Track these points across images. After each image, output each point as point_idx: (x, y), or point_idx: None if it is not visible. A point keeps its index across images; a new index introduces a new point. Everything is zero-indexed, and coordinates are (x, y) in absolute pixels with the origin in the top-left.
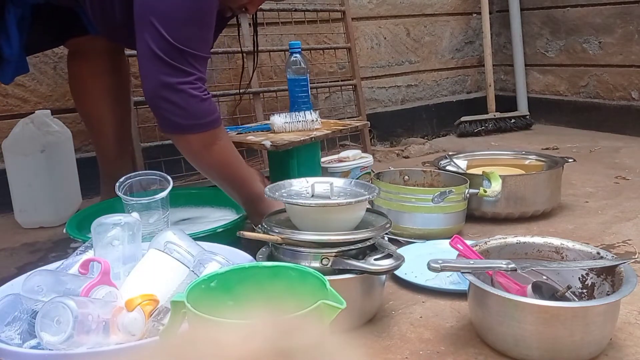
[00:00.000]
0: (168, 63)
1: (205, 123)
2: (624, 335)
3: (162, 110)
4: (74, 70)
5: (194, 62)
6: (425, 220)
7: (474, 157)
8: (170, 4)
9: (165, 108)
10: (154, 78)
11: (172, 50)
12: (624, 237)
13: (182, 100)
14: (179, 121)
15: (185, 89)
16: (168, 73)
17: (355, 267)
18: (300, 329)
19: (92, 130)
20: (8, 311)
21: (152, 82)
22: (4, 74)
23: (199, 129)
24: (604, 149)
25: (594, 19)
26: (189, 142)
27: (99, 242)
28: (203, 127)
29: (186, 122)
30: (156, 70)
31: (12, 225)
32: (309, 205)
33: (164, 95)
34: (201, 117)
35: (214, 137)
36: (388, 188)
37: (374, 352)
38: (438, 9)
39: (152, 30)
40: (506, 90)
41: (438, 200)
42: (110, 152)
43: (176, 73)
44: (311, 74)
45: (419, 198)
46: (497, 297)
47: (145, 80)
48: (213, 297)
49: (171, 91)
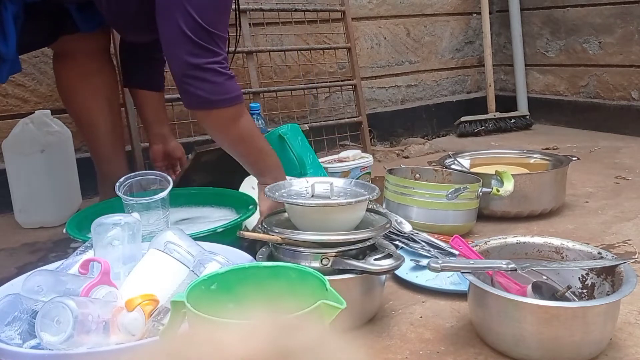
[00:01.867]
0: (199, 44)
1: (232, 98)
2: (624, 335)
3: (192, 87)
4: (62, 72)
5: (220, 43)
6: (438, 217)
7: (478, 156)
8: None
9: (196, 85)
10: (184, 58)
11: (202, 32)
12: (624, 237)
13: (212, 77)
14: (208, 97)
15: (214, 68)
16: (198, 54)
17: (355, 267)
18: (300, 329)
19: (84, 132)
20: (8, 311)
21: (182, 61)
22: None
23: (227, 103)
24: (604, 149)
25: (594, 19)
26: (218, 116)
27: (99, 242)
28: (230, 102)
29: (216, 97)
30: (187, 51)
31: (12, 225)
32: (309, 205)
33: (194, 74)
34: (228, 93)
35: (240, 111)
36: (403, 183)
37: (374, 352)
38: (438, 9)
39: (184, 12)
40: (506, 90)
41: (452, 196)
42: (105, 154)
43: (206, 53)
44: (311, 74)
45: (432, 194)
46: (497, 297)
47: (175, 60)
48: (213, 297)
49: (201, 70)
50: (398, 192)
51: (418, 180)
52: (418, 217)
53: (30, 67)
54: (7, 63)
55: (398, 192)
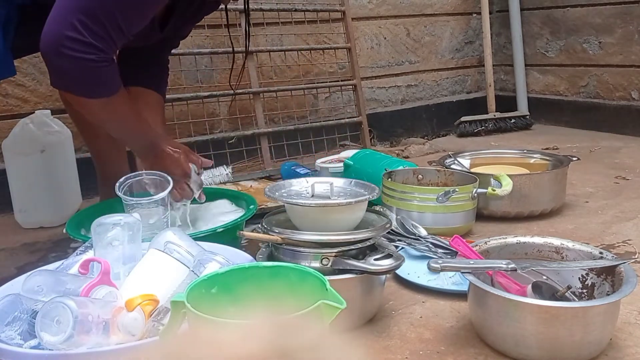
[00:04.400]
0: (85, 24)
1: (100, 91)
2: (624, 335)
3: (57, 68)
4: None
5: (112, 32)
6: (433, 219)
7: (478, 156)
8: None
9: (62, 68)
10: (60, 32)
11: (96, 14)
12: (624, 237)
13: (79, 66)
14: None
15: (86, 57)
16: (77, 34)
17: (355, 267)
18: (300, 329)
19: (85, 132)
20: (8, 311)
21: (57, 35)
22: None
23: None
24: (604, 149)
25: (594, 19)
26: (87, 104)
27: (99, 242)
28: (98, 94)
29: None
30: (68, 25)
31: (12, 225)
32: (309, 205)
33: (64, 53)
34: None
35: (107, 102)
36: (395, 187)
37: (374, 352)
38: (438, 9)
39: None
40: (506, 90)
41: (442, 199)
42: (105, 154)
43: (86, 37)
44: (311, 74)
45: (423, 197)
46: (497, 297)
47: (49, 30)
48: (213, 297)
49: (71, 51)
50: (395, 197)
51: (421, 181)
52: (415, 221)
53: (30, 67)
54: None
55: (395, 197)
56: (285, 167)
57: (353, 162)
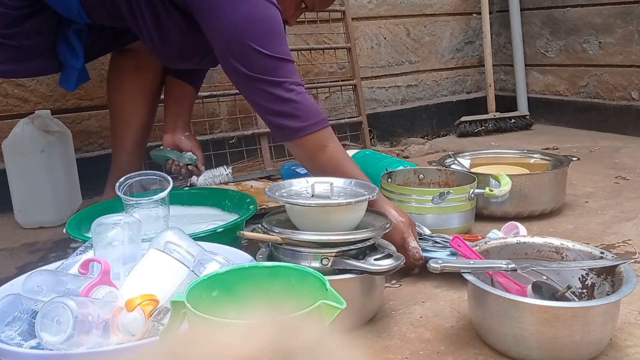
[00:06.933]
0: (267, 80)
1: (313, 124)
2: (624, 335)
3: (274, 122)
4: (117, 63)
5: (287, 70)
6: (432, 220)
7: (478, 156)
8: (259, 26)
9: (277, 121)
10: (258, 101)
11: (263, 64)
12: (624, 237)
13: (296, 105)
14: (295, 125)
15: (289, 96)
16: (269, 89)
17: (355, 267)
18: (300, 329)
19: (118, 122)
20: (8, 311)
21: (258, 105)
22: (69, 82)
23: (308, 130)
24: (604, 149)
25: (594, 19)
26: (302, 145)
27: (99, 242)
28: (312, 128)
29: (302, 124)
30: (258, 95)
31: (12, 225)
32: (309, 205)
33: (277, 109)
34: (310, 119)
35: (325, 137)
36: (393, 189)
37: (374, 352)
38: (438, 9)
39: (249, 52)
40: (506, 90)
41: (438, 201)
42: (130, 144)
43: (275, 87)
44: (311, 74)
45: (420, 199)
46: (497, 297)
47: (254, 106)
48: (213, 299)
49: (281, 102)
50: (394, 199)
51: (422, 180)
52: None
53: None
54: (75, 72)
55: (394, 199)
56: (285, 167)
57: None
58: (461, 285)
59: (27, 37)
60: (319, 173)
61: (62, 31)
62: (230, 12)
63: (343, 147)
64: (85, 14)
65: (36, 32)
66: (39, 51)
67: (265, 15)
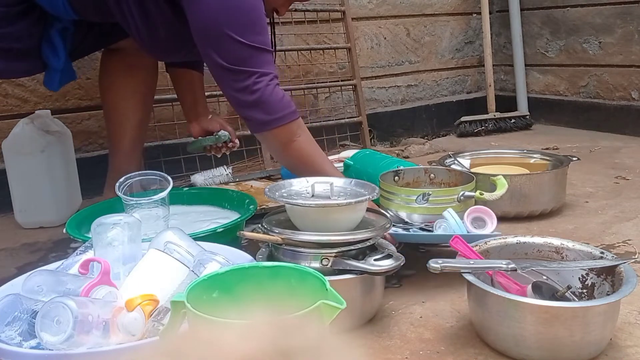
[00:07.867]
0: (238, 71)
1: (283, 116)
2: (624, 335)
3: (247, 114)
4: (108, 64)
5: (262, 60)
6: (420, 221)
7: (478, 156)
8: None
9: (250, 113)
10: (230, 92)
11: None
12: (624, 237)
13: (261, 98)
14: (263, 118)
15: (260, 88)
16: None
17: (355, 268)
18: (300, 329)
19: (113, 122)
20: (8, 311)
21: (230, 94)
22: (51, 82)
23: (278, 122)
24: (604, 149)
25: (594, 19)
26: (272, 137)
27: (99, 242)
28: (281, 120)
29: (269, 117)
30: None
31: (12, 225)
32: (309, 205)
33: (245, 100)
34: (279, 111)
35: (293, 130)
36: (387, 188)
37: (374, 352)
38: (438, 9)
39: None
40: (506, 90)
41: (421, 201)
42: (126, 146)
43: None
44: (311, 74)
45: (404, 198)
46: (497, 297)
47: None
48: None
49: (248, 93)
50: (386, 198)
51: (433, 180)
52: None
53: None
54: (57, 72)
55: (386, 198)
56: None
57: (353, 162)
58: (461, 285)
59: (17, 40)
60: (289, 166)
61: (46, 30)
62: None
63: (314, 140)
64: (72, 9)
65: (28, 34)
66: (25, 52)
67: (245, 3)
